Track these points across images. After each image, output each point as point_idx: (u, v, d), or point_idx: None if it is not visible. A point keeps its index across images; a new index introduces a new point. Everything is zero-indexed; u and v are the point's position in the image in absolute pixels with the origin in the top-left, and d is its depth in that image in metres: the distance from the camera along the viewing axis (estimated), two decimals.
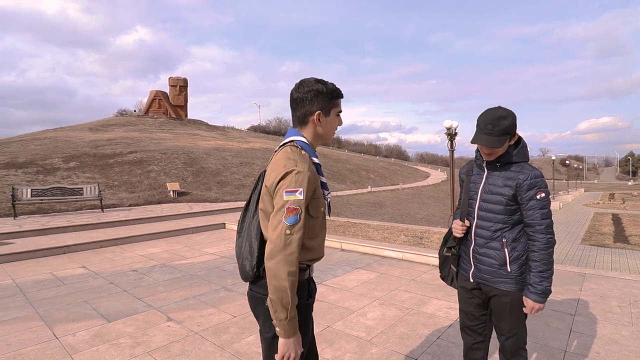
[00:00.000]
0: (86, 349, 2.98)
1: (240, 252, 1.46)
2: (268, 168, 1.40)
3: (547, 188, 1.77)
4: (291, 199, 1.27)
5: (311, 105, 1.41)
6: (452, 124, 9.19)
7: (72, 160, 15.95)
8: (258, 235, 1.41)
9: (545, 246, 1.73)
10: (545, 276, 1.72)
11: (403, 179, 27.79)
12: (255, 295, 1.45)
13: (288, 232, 1.25)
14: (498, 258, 1.84)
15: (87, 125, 33.81)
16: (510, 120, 1.74)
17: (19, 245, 6.51)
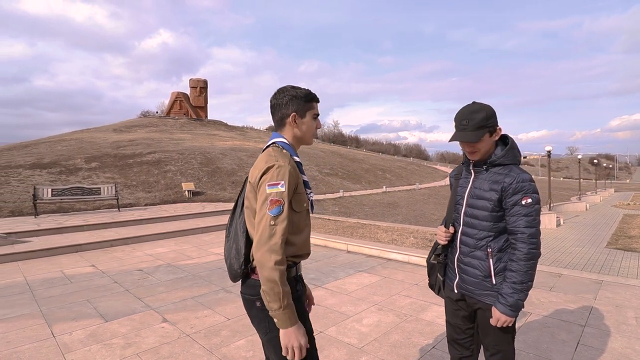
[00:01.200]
0: (79, 348, 3.02)
1: (228, 254, 1.51)
2: (252, 167, 1.47)
3: (536, 194, 1.63)
4: (273, 192, 1.33)
5: (287, 108, 1.50)
6: None
7: (94, 161, 16.50)
8: (244, 233, 1.46)
9: (525, 257, 1.59)
10: (519, 289, 1.59)
11: (420, 179, 27.28)
12: (246, 297, 1.47)
13: (272, 223, 1.30)
14: (482, 269, 1.72)
15: (112, 127, 35.00)
16: (484, 113, 1.64)
17: (35, 244, 6.75)
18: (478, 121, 1.64)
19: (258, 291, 1.38)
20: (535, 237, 1.60)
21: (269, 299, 1.30)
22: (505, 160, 1.69)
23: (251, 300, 1.44)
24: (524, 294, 1.59)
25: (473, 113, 1.66)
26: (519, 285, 1.59)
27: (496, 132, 1.69)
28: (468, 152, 1.73)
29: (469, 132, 1.66)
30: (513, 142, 1.73)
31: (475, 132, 1.64)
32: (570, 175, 76.13)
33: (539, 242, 1.62)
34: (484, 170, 1.75)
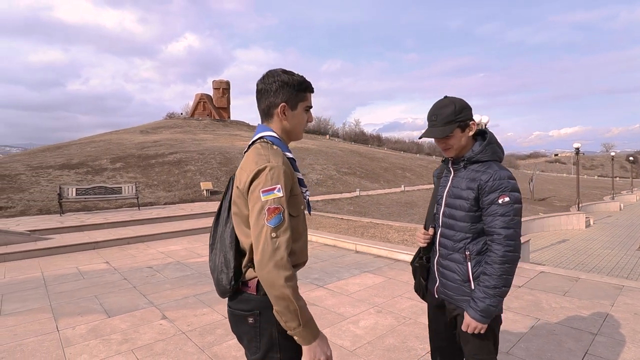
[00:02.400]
0: (79, 342, 3.11)
1: (214, 265, 1.33)
2: (238, 169, 1.28)
3: (515, 192, 1.51)
4: (270, 198, 1.15)
5: (276, 96, 1.30)
6: (480, 119, 8.55)
7: (119, 161, 17.12)
8: (233, 244, 1.28)
9: (500, 260, 1.48)
10: (491, 294, 1.48)
11: None
12: (235, 312, 1.31)
13: (274, 235, 1.14)
14: (461, 273, 1.62)
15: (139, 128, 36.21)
16: (453, 107, 1.56)
17: (57, 241, 7.05)
18: (446, 116, 1.56)
19: (252, 307, 1.26)
20: (513, 239, 1.49)
21: (285, 318, 1.16)
22: (483, 157, 1.59)
23: (242, 316, 1.29)
24: (497, 300, 1.48)
25: (442, 107, 1.58)
26: (491, 289, 1.48)
27: (469, 127, 1.59)
28: (442, 148, 1.65)
29: (437, 128, 1.58)
30: (492, 137, 1.62)
31: (444, 127, 1.56)
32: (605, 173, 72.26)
33: (517, 245, 1.50)
34: (462, 168, 1.66)
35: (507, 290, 1.51)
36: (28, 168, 14.97)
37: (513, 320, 3.34)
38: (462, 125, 1.57)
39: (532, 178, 23.27)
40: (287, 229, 1.17)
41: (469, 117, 1.58)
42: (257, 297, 1.26)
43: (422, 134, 1.64)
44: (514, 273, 1.52)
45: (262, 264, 1.13)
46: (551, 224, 15.16)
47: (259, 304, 1.26)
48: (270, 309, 1.23)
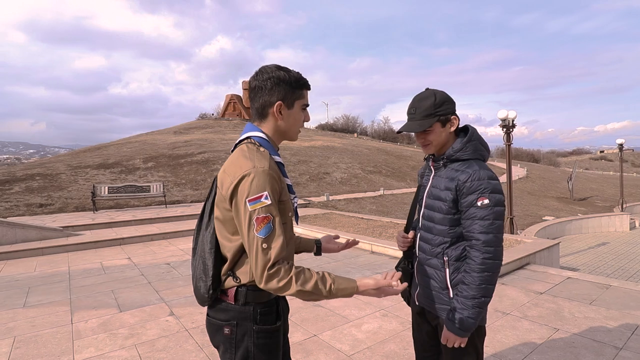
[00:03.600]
0: (88, 336, 3.23)
1: (194, 273, 1.27)
2: (221, 171, 1.21)
3: (496, 194, 1.38)
4: (257, 207, 1.09)
5: (271, 95, 1.21)
6: (507, 114, 8.07)
7: (150, 161, 17.85)
8: (213, 249, 1.22)
9: (479, 268, 1.35)
10: (470, 305, 1.35)
11: None
12: (212, 321, 1.25)
13: (265, 247, 1.08)
14: (439, 279, 1.51)
15: (173, 129, 37.63)
16: (432, 100, 1.44)
17: (86, 237, 7.44)
18: (425, 109, 1.45)
19: (230, 316, 1.21)
20: (492, 245, 1.36)
21: (313, 300, 1.15)
22: (463, 155, 1.46)
23: (219, 325, 1.23)
24: (476, 311, 1.35)
25: (421, 100, 1.47)
26: (469, 300, 1.36)
27: (450, 122, 1.47)
28: (421, 144, 1.54)
29: (415, 122, 1.47)
30: (474, 133, 1.49)
31: (422, 121, 1.45)
32: None
33: (497, 251, 1.37)
34: (442, 167, 1.54)
35: (488, 300, 1.37)
36: (68, 168, 15.94)
37: (528, 330, 3.12)
38: (443, 119, 1.45)
39: (572, 176, 21.87)
40: (279, 235, 1.11)
41: (450, 110, 1.46)
42: (235, 307, 1.21)
43: (401, 127, 1.53)
44: (495, 282, 1.38)
45: (258, 277, 1.09)
46: (590, 226, 14.16)
47: (236, 315, 1.21)
48: (248, 320, 1.20)
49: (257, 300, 1.21)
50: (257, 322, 1.21)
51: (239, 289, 1.20)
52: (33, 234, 7.02)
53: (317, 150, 23.43)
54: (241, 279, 1.20)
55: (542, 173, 32.29)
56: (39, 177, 13.87)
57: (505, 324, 3.27)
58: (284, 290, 1.09)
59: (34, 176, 13.95)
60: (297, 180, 16.72)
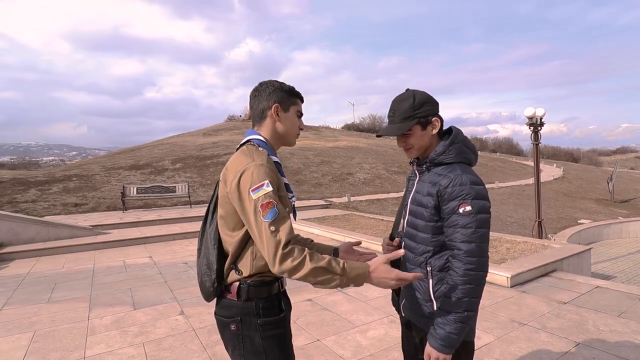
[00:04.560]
0: (102, 332, 3.35)
1: (199, 269, 1.35)
2: (224, 170, 1.30)
3: (479, 200, 1.28)
4: (260, 195, 1.16)
5: (269, 99, 1.35)
6: (534, 111, 7.63)
7: (179, 162, 18.45)
8: (216, 245, 1.30)
9: (461, 280, 1.26)
10: (452, 320, 1.26)
11: (503, 177, 24.61)
12: (219, 319, 1.32)
13: (273, 229, 1.13)
14: (422, 290, 1.43)
15: (202, 131, 38.75)
16: (411, 101, 1.36)
17: (113, 235, 7.77)
18: (403, 111, 1.37)
19: (233, 313, 1.26)
20: (474, 255, 1.26)
21: (324, 286, 1.15)
22: (446, 158, 1.37)
23: (225, 322, 1.29)
24: (459, 326, 1.26)
25: (400, 102, 1.40)
26: (452, 315, 1.27)
27: (431, 124, 1.38)
28: (403, 148, 1.46)
29: (394, 125, 1.40)
30: (458, 135, 1.40)
31: (400, 124, 1.38)
32: None
33: (481, 262, 1.27)
34: (425, 171, 1.45)
35: (472, 315, 1.28)
36: (103, 169, 16.77)
37: (545, 343, 2.93)
38: (423, 121, 1.37)
39: (612, 176, 20.50)
40: (285, 218, 1.16)
41: (431, 112, 1.38)
42: (238, 303, 1.26)
43: (380, 131, 1.47)
44: (480, 295, 1.29)
45: (271, 262, 1.13)
46: (632, 230, 13.19)
47: (240, 311, 1.26)
48: (251, 315, 1.25)
49: (258, 296, 1.26)
50: (260, 316, 1.25)
51: (241, 285, 1.26)
52: (65, 232, 7.42)
53: (341, 151, 23.33)
54: (243, 272, 1.25)
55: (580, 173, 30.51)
56: (76, 178, 14.68)
57: (520, 335, 3.08)
58: (298, 269, 1.10)
59: (71, 177, 14.78)
60: (320, 180, 16.73)
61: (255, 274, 1.26)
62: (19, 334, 3.34)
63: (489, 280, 4.51)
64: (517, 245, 5.89)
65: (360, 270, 1.16)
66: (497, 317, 3.45)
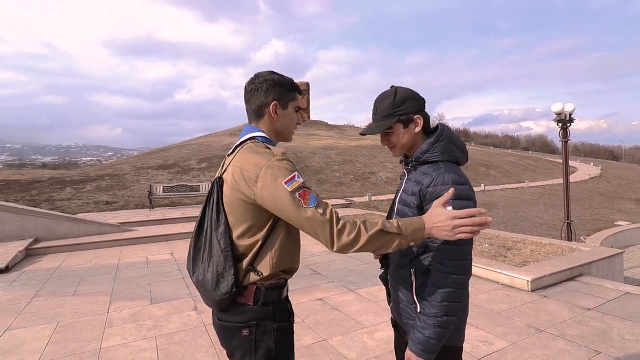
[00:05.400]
0: (119, 325, 3.50)
1: (204, 278, 1.21)
2: (230, 171, 1.20)
3: (463, 200, 1.22)
4: (296, 186, 1.11)
5: (267, 96, 1.28)
6: (563, 107, 7.21)
7: (204, 162, 18.95)
8: (229, 248, 1.18)
9: (441, 283, 1.21)
10: (431, 324, 1.21)
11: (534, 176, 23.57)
12: (228, 325, 1.22)
13: (321, 212, 1.08)
14: (406, 293, 1.39)
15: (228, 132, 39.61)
16: (391, 99, 1.32)
17: (139, 232, 8.08)
18: (384, 109, 1.34)
19: (248, 318, 1.18)
20: (455, 258, 1.21)
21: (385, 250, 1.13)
22: (431, 157, 1.33)
23: (236, 328, 1.19)
24: (438, 331, 1.21)
25: (382, 100, 1.37)
26: (431, 319, 1.22)
27: (414, 122, 1.34)
28: (387, 146, 1.42)
29: (376, 124, 1.37)
30: (444, 133, 1.34)
31: (381, 122, 1.35)
32: None
33: (462, 265, 1.22)
34: (412, 170, 1.41)
35: (452, 320, 1.22)
36: (133, 169, 17.50)
37: (562, 351, 2.78)
38: (404, 119, 1.33)
39: None
40: (324, 202, 1.13)
41: (413, 110, 1.33)
42: (254, 307, 1.20)
43: (363, 130, 1.44)
44: (462, 300, 1.23)
45: (330, 241, 1.08)
46: None
47: (255, 315, 1.20)
48: (268, 319, 1.21)
49: (273, 300, 1.23)
50: (276, 320, 1.23)
51: (258, 289, 1.20)
52: (94, 229, 7.79)
53: (364, 150, 23.16)
54: (263, 273, 1.20)
55: (621, 172, 28.73)
56: (108, 178, 15.40)
57: (536, 342, 2.94)
58: (357, 241, 1.08)
59: (104, 177, 15.53)
60: (342, 180, 16.68)
61: (273, 276, 1.21)
62: (44, 325, 3.54)
63: (508, 284, 4.34)
64: (542, 248, 5.63)
65: (418, 224, 1.12)
66: (513, 323, 3.31)
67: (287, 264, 1.25)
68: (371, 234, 1.08)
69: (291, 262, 1.27)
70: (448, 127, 1.37)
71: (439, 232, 1.10)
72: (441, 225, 1.10)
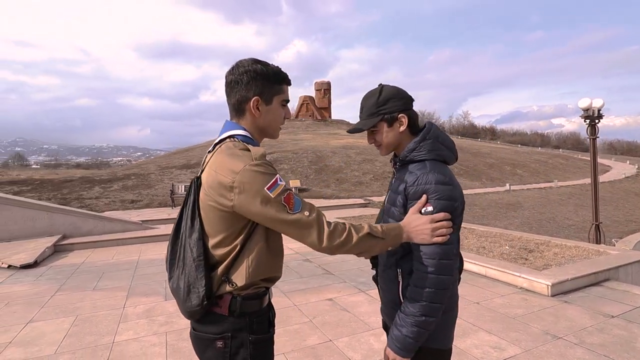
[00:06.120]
0: (132, 320, 3.61)
1: (177, 285, 1.15)
2: (206, 172, 1.13)
3: (444, 200, 1.19)
4: (279, 191, 1.04)
5: (247, 89, 1.15)
6: (591, 102, 6.82)
7: None
8: (202, 256, 1.11)
9: (420, 282, 1.18)
10: (409, 322, 1.18)
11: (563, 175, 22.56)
12: (202, 336, 1.15)
13: (307, 214, 1.05)
14: (393, 292, 1.36)
15: None
16: (376, 97, 1.30)
17: (160, 230, 8.32)
18: (369, 107, 1.32)
19: (224, 329, 1.11)
20: (434, 257, 1.17)
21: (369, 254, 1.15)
22: (417, 156, 1.29)
23: (210, 339, 1.12)
24: (416, 330, 1.18)
25: (368, 98, 1.35)
26: (409, 317, 1.19)
27: (398, 121, 1.30)
28: (374, 145, 1.40)
29: (361, 121, 1.35)
30: (430, 131, 1.31)
31: (366, 120, 1.33)
32: None
33: (441, 265, 1.18)
34: (400, 169, 1.38)
35: (431, 320, 1.18)
36: (158, 168, 18.06)
37: None
38: (388, 118, 1.30)
39: None
40: (309, 204, 1.10)
41: (397, 108, 1.29)
42: (229, 318, 1.12)
43: (349, 128, 1.42)
44: (442, 301, 1.19)
45: (320, 245, 1.06)
46: None
47: (231, 326, 1.12)
48: (244, 330, 1.13)
49: (251, 310, 1.14)
50: (253, 332, 1.14)
51: (234, 299, 1.12)
52: (118, 226, 8.09)
53: None
54: (237, 283, 1.12)
55: None
56: (134, 177, 15.96)
57: (552, 349, 2.80)
58: (347, 243, 1.07)
59: (130, 176, 16.10)
60: (360, 179, 16.57)
61: (250, 286, 1.13)
62: (64, 318, 3.70)
63: (527, 287, 4.17)
64: (567, 251, 5.37)
65: (397, 230, 1.15)
66: (528, 328, 3.17)
67: (267, 273, 1.16)
68: (361, 236, 1.09)
69: (271, 271, 1.18)
70: (435, 126, 1.32)
71: (417, 236, 1.15)
72: (419, 229, 1.14)
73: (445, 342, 1.29)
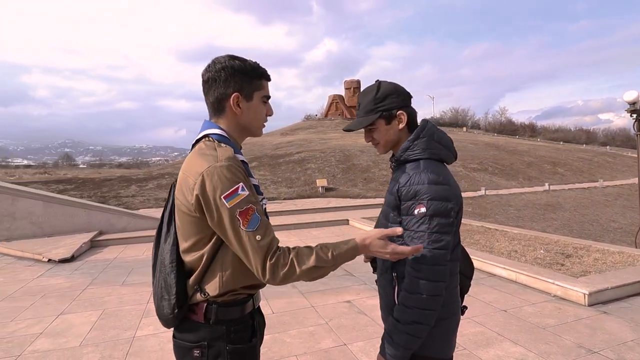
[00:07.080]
0: (154, 315, 3.69)
1: (155, 290, 1.15)
2: (180, 174, 1.10)
3: (437, 201, 1.12)
4: (236, 202, 0.99)
5: (226, 86, 1.11)
6: (637, 95, 6.21)
7: (254, 161, 19.63)
8: (174, 263, 1.09)
9: (410, 287, 1.12)
10: (401, 329, 1.12)
11: (611, 174, 20.99)
12: (180, 344, 1.12)
13: (259, 238, 0.99)
14: (389, 297, 1.31)
15: (280, 131, 40.74)
16: (373, 94, 1.25)
17: None
18: (366, 104, 1.27)
19: (200, 337, 1.08)
20: (424, 262, 1.10)
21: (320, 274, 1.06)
22: (412, 155, 1.22)
23: (187, 347, 1.09)
24: (404, 337, 1.12)
25: (365, 95, 1.30)
26: (401, 324, 1.14)
27: (397, 118, 1.23)
28: (372, 145, 1.32)
29: (358, 119, 1.29)
30: (425, 129, 1.25)
31: (363, 118, 1.28)
32: None
33: (432, 270, 1.10)
34: (396, 169, 1.30)
35: (422, 328, 1.10)
36: None
37: None
38: (386, 115, 1.23)
39: None
40: (267, 225, 1.03)
41: (395, 105, 1.23)
42: (205, 326, 1.09)
43: (345, 126, 1.36)
44: (434, 307, 1.11)
45: (261, 274, 1.00)
46: None
47: (207, 334, 1.08)
48: (220, 339, 1.09)
49: (229, 317, 1.10)
50: (230, 342, 1.09)
51: (209, 305, 1.09)
52: (149, 223, 8.42)
53: None
54: (209, 293, 1.08)
55: None
56: (168, 176, 16.59)
57: None
58: (290, 277, 1.00)
59: (164, 175, 16.76)
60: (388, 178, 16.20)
61: (225, 293, 1.08)
62: (91, 311, 3.88)
63: (561, 295, 3.88)
64: (609, 257, 4.95)
65: (349, 248, 1.06)
66: (560, 341, 2.93)
67: (247, 281, 1.10)
68: (305, 269, 1.01)
69: (253, 278, 1.09)
70: (431, 123, 1.25)
71: (374, 254, 1.09)
72: (378, 253, 1.08)
73: (445, 351, 1.22)
